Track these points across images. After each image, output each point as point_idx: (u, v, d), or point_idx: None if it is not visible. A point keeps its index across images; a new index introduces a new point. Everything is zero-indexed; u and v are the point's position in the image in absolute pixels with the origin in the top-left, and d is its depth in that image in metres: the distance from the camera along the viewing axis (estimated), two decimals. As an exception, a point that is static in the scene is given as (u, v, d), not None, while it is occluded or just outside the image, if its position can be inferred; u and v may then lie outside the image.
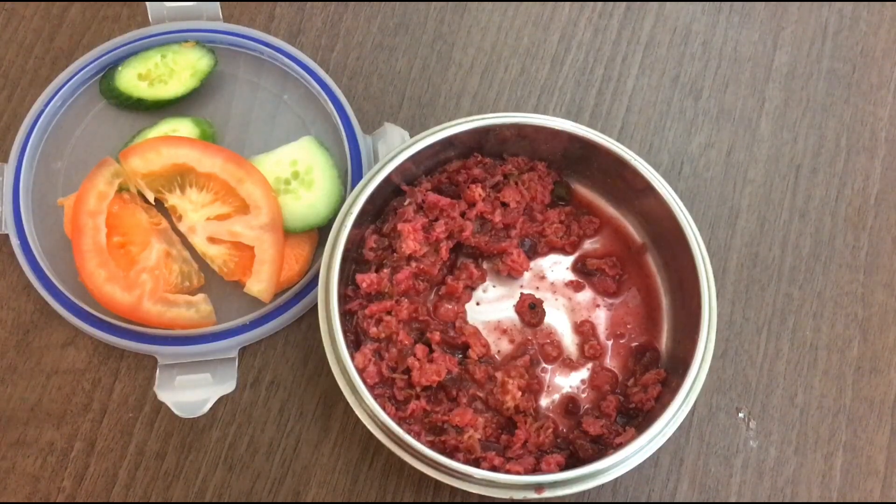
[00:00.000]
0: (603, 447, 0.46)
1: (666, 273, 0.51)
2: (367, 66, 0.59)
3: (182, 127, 0.53)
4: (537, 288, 0.51)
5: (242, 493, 0.50)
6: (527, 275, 0.51)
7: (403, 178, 0.50)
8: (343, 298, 0.47)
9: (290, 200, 0.51)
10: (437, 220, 0.50)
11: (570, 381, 0.49)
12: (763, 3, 0.62)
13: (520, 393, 0.47)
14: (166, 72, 0.55)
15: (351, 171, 0.53)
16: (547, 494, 0.43)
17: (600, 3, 0.62)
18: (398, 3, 0.61)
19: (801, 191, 0.58)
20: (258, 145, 0.53)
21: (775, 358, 0.54)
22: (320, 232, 0.53)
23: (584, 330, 0.50)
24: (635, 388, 0.48)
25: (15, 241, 0.52)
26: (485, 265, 0.52)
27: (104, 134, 0.55)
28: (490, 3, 0.61)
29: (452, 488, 0.44)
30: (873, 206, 0.57)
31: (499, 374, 0.47)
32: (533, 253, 0.52)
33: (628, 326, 0.51)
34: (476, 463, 0.44)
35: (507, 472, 0.44)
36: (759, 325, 0.54)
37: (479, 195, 0.50)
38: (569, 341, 0.50)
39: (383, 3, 0.61)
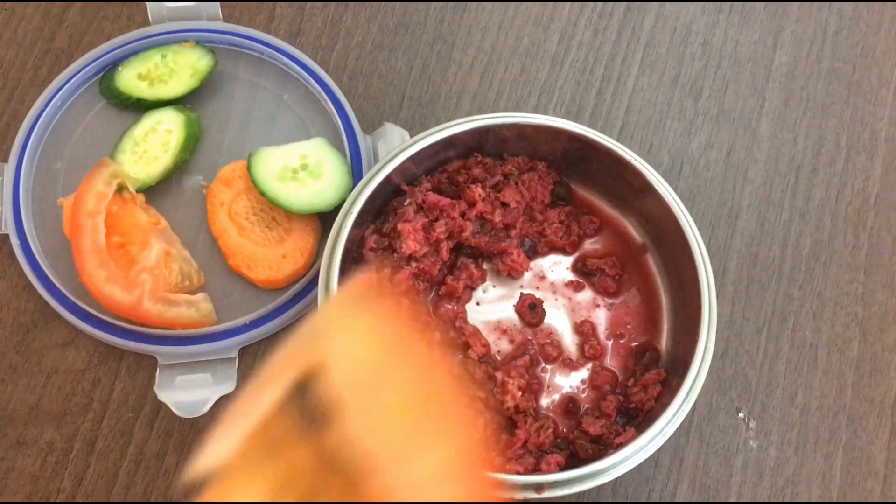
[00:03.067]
0: (603, 447, 0.46)
1: (666, 273, 0.51)
2: (367, 66, 0.59)
3: (166, 117, 0.54)
4: (537, 288, 0.51)
5: (242, 493, 0.50)
6: (527, 275, 0.51)
7: (403, 178, 0.50)
8: (343, 298, 0.47)
9: (295, 187, 0.51)
10: (437, 220, 0.50)
11: (570, 381, 0.49)
12: (763, 3, 0.62)
13: (520, 393, 0.47)
14: (166, 72, 0.55)
15: (351, 171, 0.53)
16: (547, 494, 0.43)
17: (600, 3, 0.62)
18: (398, 3, 0.61)
19: (801, 191, 0.58)
20: (258, 145, 0.53)
21: (775, 358, 0.54)
22: (323, 224, 0.53)
23: (584, 330, 0.50)
24: (635, 388, 0.48)
25: (15, 241, 0.52)
26: (485, 265, 0.52)
27: (104, 134, 0.55)
28: (490, 3, 0.61)
29: (452, 488, 0.44)
30: (873, 206, 0.58)
31: (499, 374, 0.47)
32: (533, 253, 0.52)
33: (628, 326, 0.51)
34: (476, 463, 0.44)
35: (507, 472, 0.44)
36: (759, 325, 0.54)
37: (480, 195, 0.50)
38: (569, 341, 0.50)
39: (383, 3, 0.61)
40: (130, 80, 0.55)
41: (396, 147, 0.49)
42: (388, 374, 0.22)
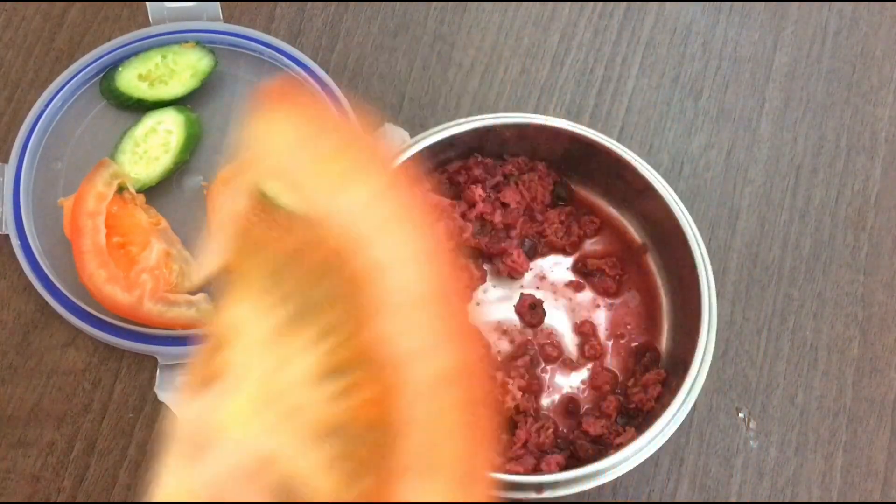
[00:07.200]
0: (603, 447, 0.46)
1: (666, 273, 0.51)
2: (367, 66, 0.59)
3: (166, 118, 0.54)
4: (537, 288, 0.51)
5: (243, 494, 0.50)
6: (527, 275, 0.51)
7: (403, 179, 0.50)
8: (343, 299, 0.47)
9: None
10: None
11: (570, 382, 0.49)
12: (763, 3, 0.62)
13: (520, 393, 0.47)
14: (167, 72, 0.55)
15: (351, 171, 0.53)
16: (547, 495, 0.43)
17: (600, 4, 0.62)
18: (398, 3, 0.61)
19: (801, 191, 0.58)
20: (258, 146, 0.53)
21: (775, 358, 0.54)
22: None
23: (584, 330, 0.50)
24: (635, 389, 0.48)
25: (15, 242, 0.52)
26: (485, 266, 0.52)
27: (104, 134, 0.55)
28: (490, 3, 0.61)
29: (453, 488, 0.44)
30: (873, 206, 0.58)
31: (499, 375, 0.47)
32: (533, 253, 0.52)
33: (628, 326, 0.51)
34: (476, 463, 0.44)
35: (507, 472, 0.44)
36: (759, 325, 0.54)
37: (480, 196, 0.50)
38: (569, 341, 0.50)
39: (383, 3, 0.61)
40: (131, 80, 0.55)
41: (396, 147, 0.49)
42: (306, 145, 0.25)
